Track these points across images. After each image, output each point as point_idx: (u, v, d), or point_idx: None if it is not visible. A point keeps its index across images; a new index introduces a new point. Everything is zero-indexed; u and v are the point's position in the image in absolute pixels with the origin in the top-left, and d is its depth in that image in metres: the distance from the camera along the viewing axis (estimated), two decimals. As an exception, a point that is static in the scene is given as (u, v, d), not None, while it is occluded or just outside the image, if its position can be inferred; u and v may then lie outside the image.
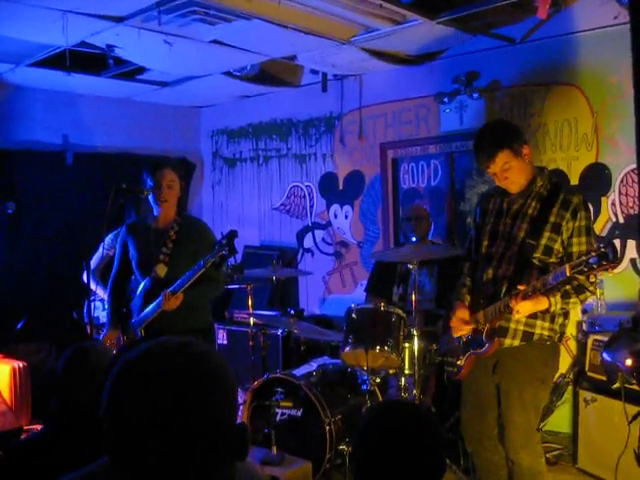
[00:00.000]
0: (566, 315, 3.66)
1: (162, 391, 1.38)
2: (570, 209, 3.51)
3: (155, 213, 4.54)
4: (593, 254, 3.05)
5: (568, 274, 3.16)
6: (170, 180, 4.44)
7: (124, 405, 1.40)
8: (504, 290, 3.56)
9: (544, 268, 3.52)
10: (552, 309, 3.45)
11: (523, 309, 3.40)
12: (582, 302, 3.54)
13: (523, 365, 3.58)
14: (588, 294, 3.52)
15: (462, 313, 3.75)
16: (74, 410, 2.47)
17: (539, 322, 3.57)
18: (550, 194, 3.61)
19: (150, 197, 4.45)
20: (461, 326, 3.74)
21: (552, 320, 3.58)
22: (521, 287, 3.38)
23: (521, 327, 3.59)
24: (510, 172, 3.58)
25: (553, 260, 3.54)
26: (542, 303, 3.42)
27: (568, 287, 3.42)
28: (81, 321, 5.83)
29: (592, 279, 3.43)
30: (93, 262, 5.67)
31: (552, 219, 3.53)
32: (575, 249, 3.50)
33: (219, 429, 1.43)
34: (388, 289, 5.65)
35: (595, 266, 3.05)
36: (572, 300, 3.47)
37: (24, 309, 6.20)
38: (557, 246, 3.53)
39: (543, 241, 3.53)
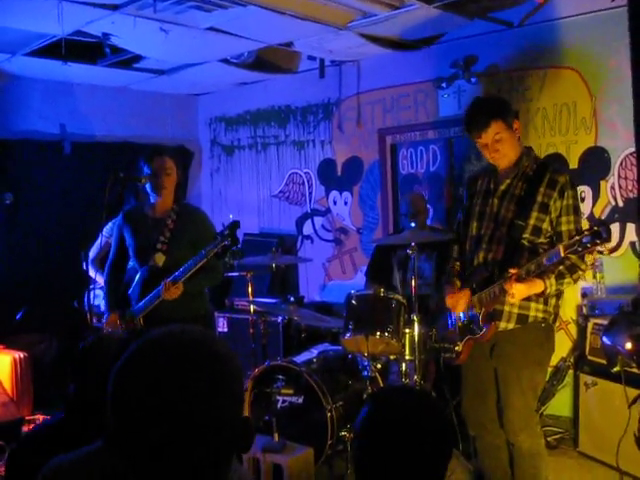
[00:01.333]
0: (559, 296, 3.67)
1: (166, 379, 1.37)
2: (557, 188, 3.53)
3: (152, 201, 4.53)
4: (586, 233, 3.07)
5: (562, 254, 3.18)
6: (167, 167, 4.43)
7: (128, 391, 1.39)
8: (497, 273, 3.56)
9: (534, 249, 3.54)
10: (547, 291, 3.47)
11: (518, 292, 3.41)
12: (575, 281, 3.55)
13: (519, 348, 3.60)
14: (580, 273, 3.53)
15: (455, 289, 3.78)
16: (91, 398, 2.47)
17: (533, 304, 3.58)
18: (536, 174, 3.62)
19: (147, 185, 4.45)
20: (458, 301, 3.74)
21: (546, 302, 3.59)
22: (513, 270, 3.39)
23: (515, 310, 3.60)
24: (501, 144, 3.59)
25: (542, 240, 3.56)
26: (538, 286, 3.43)
27: (561, 267, 3.44)
28: (81, 310, 5.84)
29: (586, 258, 3.43)
30: (92, 251, 5.68)
31: (539, 199, 3.54)
32: (564, 228, 3.51)
33: (223, 420, 1.42)
34: (388, 274, 5.65)
35: (589, 245, 3.07)
36: (566, 280, 3.48)
37: (24, 299, 6.21)
38: (546, 225, 3.54)
39: (531, 221, 3.54)
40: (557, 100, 5.54)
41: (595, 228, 3.05)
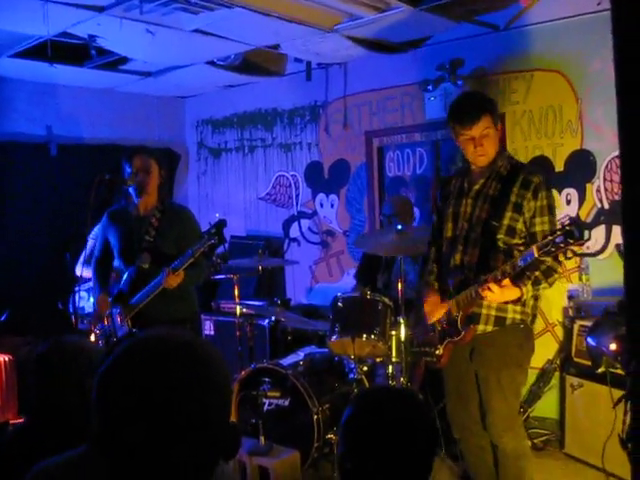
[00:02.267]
0: (536, 297, 3.67)
1: (151, 382, 1.37)
2: (531, 188, 3.53)
3: (135, 201, 4.52)
4: (559, 233, 3.07)
5: (536, 255, 3.17)
6: (148, 166, 4.43)
7: (112, 392, 1.39)
8: (473, 276, 3.57)
9: (509, 250, 3.53)
10: (524, 298, 3.49)
11: (493, 297, 3.42)
12: (550, 285, 3.54)
13: (498, 350, 3.60)
14: (556, 276, 3.53)
15: (433, 297, 3.78)
16: (52, 405, 2.44)
17: (510, 306, 3.58)
18: (510, 174, 3.62)
19: (131, 187, 4.45)
20: (435, 309, 3.75)
21: (523, 303, 3.59)
22: (487, 277, 3.40)
23: (493, 312, 3.60)
24: (487, 140, 3.59)
25: (517, 241, 3.56)
26: (514, 293, 3.44)
27: (537, 273, 3.44)
28: (66, 311, 5.81)
29: (561, 258, 3.43)
30: (82, 255, 5.65)
31: (513, 199, 3.54)
32: (538, 228, 3.51)
33: (208, 424, 1.41)
34: (373, 276, 5.66)
35: (562, 245, 3.07)
36: (542, 285, 3.50)
37: (8, 301, 6.16)
38: (520, 226, 3.54)
39: (505, 221, 3.54)
40: (543, 103, 5.56)
41: (567, 227, 3.05)
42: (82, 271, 5.62)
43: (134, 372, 1.39)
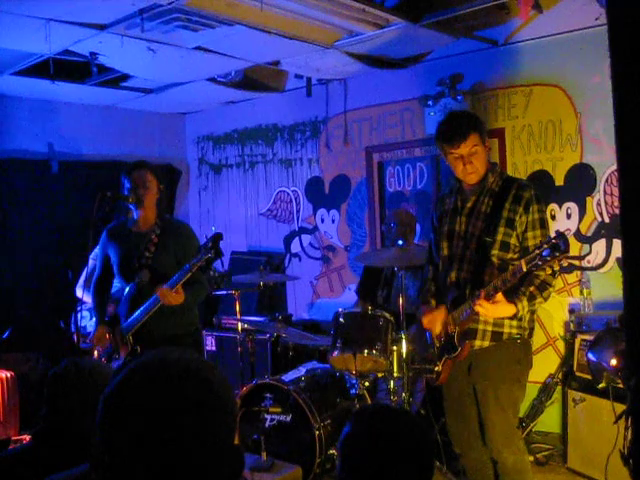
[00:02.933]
0: (532, 311, 3.66)
1: (157, 404, 1.36)
2: (522, 203, 3.54)
3: (135, 217, 4.51)
4: (545, 247, 3.10)
5: (525, 269, 3.20)
6: (146, 180, 4.42)
7: (118, 417, 1.38)
8: (468, 292, 3.58)
9: (503, 265, 3.54)
10: (520, 314, 3.49)
11: (486, 312, 3.43)
12: (546, 299, 3.54)
13: (496, 365, 3.60)
14: (551, 290, 3.53)
15: (430, 312, 3.78)
16: (62, 425, 2.44)
17: (507, 321, 3.58)
18: (502, 190, 3.63)
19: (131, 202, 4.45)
20: (435, 321, 3.74)
21: (519, 318, 3.58)
22: (480, 292, 3.41)
23: (489, 327, 3.60)
24: (475, 157, 3.60)
25: (511, 255, 3.56)
26: (509, 309, 3.44)
27: (532, 289, 3.45)
28: (68, 331, 5.81)
29: (555, 267, 3.44)
30: (83, 275, 5.65)
31: (505, 214, 3.55)
32: (531, 242, 3.52)
33: (213, 446, 1.40)
34: (374, 292, 5.66)
35: (549, 258, 3.11)
36: (537, 300, 3.50)
37: (10, 318, 6.17)
38: (513, 241, 3.55)
39: (499, 237, 3.54)
40: (542, 117, 5.58)
41: (553, 241, 3.09)
42: (83, 294, 5.61)
43: (139, 395, 1.38)
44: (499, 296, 3.38)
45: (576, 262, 3.16)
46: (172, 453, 1.36)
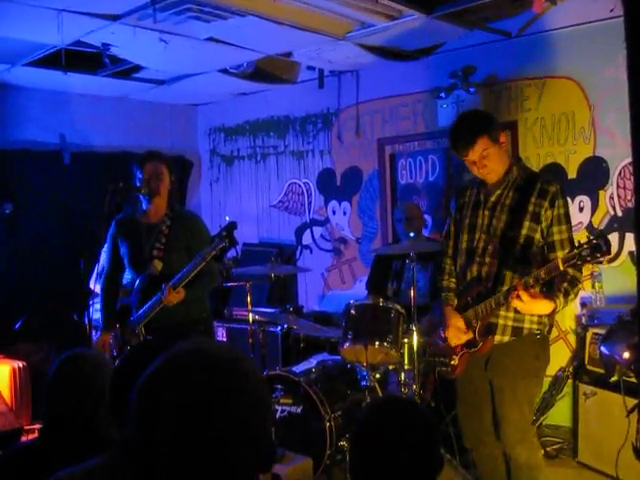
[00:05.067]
0: None
1: (194, 394, 1.36)
2: (548, 198, 3.50)
3: (145, 207, 4.51)
4: (586, 247, 3.05)
5: (562, 268, 3.16)
6: (159, 172, 4.42)
7: (153, 404, 1.38)
8: (491, 287, 3.55)
9: (527, 260, 3.51)
10: (558, 309, 3.43)
11: (522, 305, 3.35)
12: (576, 296, 3.51)
13: (514, 360, 3.57)
14: (580, 286, 3.50)
15: (457, 321, 3.68)
16: (63, 418, 2.45)
17: (527, 316, 3.55)
18: (527, 183, 3.59)
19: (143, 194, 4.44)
20: (459, 335, 3.68)
21: (554, 312, 3.54)
22: (518, 282, 3.37)
23: (510, 322, 3.57)
24: (489, 160, 3.55)
25: (535, 250, 3.53)
26: (548, 305, 3.38)
27: (566, 285, 3.40)
28: (81, 323, 5.83)
29: (595, 269, 3.41)
30: (96, 268, 5.66)
31: (530, 208, 3.51)
32: (557, 237, 3.49)
33: (248, 438, 1.40)
34: (384, 285, 5.66)
35: (589, 258, 3.05)
36: (571, 297, 3.45)
37: (23, 309, 6.20)
38: (537, 236, 3.51)
39: (524, 231, 3.51)
40: (555, 110, 5.55)
41: (594, 241, 3.03)
42: (95, 286, 5.62)
43: (174, 386, 1.38)
44: (535, 291, 3.33)
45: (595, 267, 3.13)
46: (207, 443, 1.36)
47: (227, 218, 4.09)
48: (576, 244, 3.26)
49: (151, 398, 1.39)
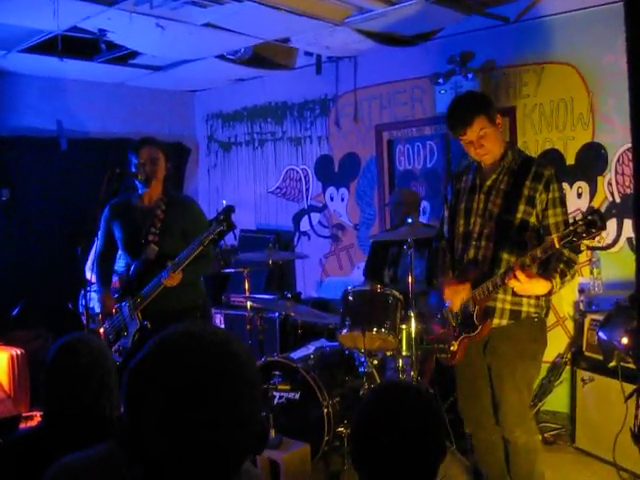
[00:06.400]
0: None
1: (184, 377, 1.36)
2: (542, 181, 3.50)
3: (140, 192, 4.51)
4: (580, 223, 3.04)
5: (557, 246, 3.14)
6: (155, 157, 4.42)
7: (143, 393, 1.38)
8: (488, 270, 3.55)
9: (522, 244, 3.51)
10: (554, 291, 3.43)
11: (519, 285, 3.34)
12: (572, 277, 3.49)
13: (513, 344, 3.58)
14: (576, 267, 3.49)
15: (452, 284, 3.69)
16: (62, 404, 2.44)
17: (525, 299, 3.55)
18: (521, 167, 3.60)
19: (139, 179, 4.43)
20: (457, 295, 3.66)
21: (537, 296, 3.56)
22: (515, 262, 3.36)
23: (508, 306, 3.58)
24: (486, 140, 3.56)
25: (530, 234, 3.53)
26: (544, 286, 3.38)
27: (562, 266, 3.40)
28: (76, 311, 5.82)
29: (583, 247, 3.39)
30: (91, 256, 5.65)
31: (525, 192, 3.52)
32: (551, 220, 3.49)
33: (239, 422, 1.40)
34: (380, 271, 5.66)
35: (584, 235, 3.04)
36: (567, 279, 3.44)
37: (20, 296, 6.19)
38: (532, 219, 3.52)
39: (519, 215, 3.52)
40: (554, 96, 5.53)
41: (589, 217, 3.02)
42: (91, 275, 5.60)
43: (164, 368, 1.38)
44: (531, 272, 3.33)
45: (591, 242, 3.10)
46: (197, 426, 1.35)
47: (224, 202, 4.07)
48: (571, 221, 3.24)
49: (141, 381, 1.39)
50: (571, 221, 3.20)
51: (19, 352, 5.33)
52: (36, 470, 1.98)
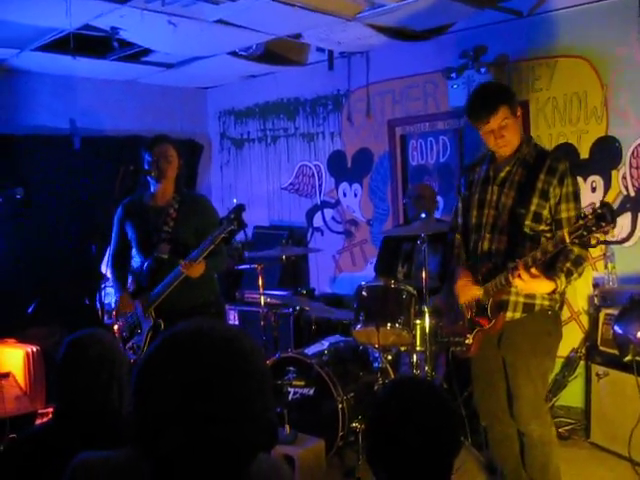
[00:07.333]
0: None
1: (193, 378, 1.35)
2: (557, 175, 3.50)
3: (152, 190, 4.51)
4: (590, 217, 3.02)
5: (568, 240, 3.12)
6: (168, 155, 4.42)
7: (152, 389, 1.37)
8: (501, 263, 3.54)
9: (536, 237, 3.51)
10: (558, 290, 3.43)
11: (523, 285, 3.36)
12: (580, 275, 3.49)
13: (527, 337, 3.57)
14: (585, 264, 3.49)
15: (465, 278, 3.70)
16: (74, 399, 2.46)
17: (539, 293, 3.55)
18: (536, 161, 3.59)
19: (152, 176, 4.44)
20: (466, 290, 3.68)
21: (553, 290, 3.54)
22: (515, 263, 3.35)
23: (521, 299, 3.57)
24: (507, 130, 3.56)
25: (543, 227, 3.53)
26: (548, 285, 3.38)
27: (568, 264, 3.39)
28: (93, 306, 5.84)
29: (593, 242, 3.38)
30: (108, 252, 5.67)
31: (539, 185, 3.51)
32: (564, 215, 3.48)
33: (249, 419, 1.40)
34: (394, 267, 5.64)
35: (594, 229, 3.02)
36: (574, 277, 3.44)
37: (35, 293, 6.22)
38: (545, 212, 3.51)
39: (532, 207, 3.51)
40: (567, 90, 5.51)
41: (599, 211, 3.00)
42: (107, 270, 5.63)
43: (174, 365, 1.37)
44: (537, 270, 3.32)
45: (603, 235, 3.08)
46: (206, 423, 1.35)
47: (235, 201, 4.08)
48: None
49: (150, 378, 1.39)
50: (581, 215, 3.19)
51: (35, 349, 5.35)
52: (48, 466, 1.99)
